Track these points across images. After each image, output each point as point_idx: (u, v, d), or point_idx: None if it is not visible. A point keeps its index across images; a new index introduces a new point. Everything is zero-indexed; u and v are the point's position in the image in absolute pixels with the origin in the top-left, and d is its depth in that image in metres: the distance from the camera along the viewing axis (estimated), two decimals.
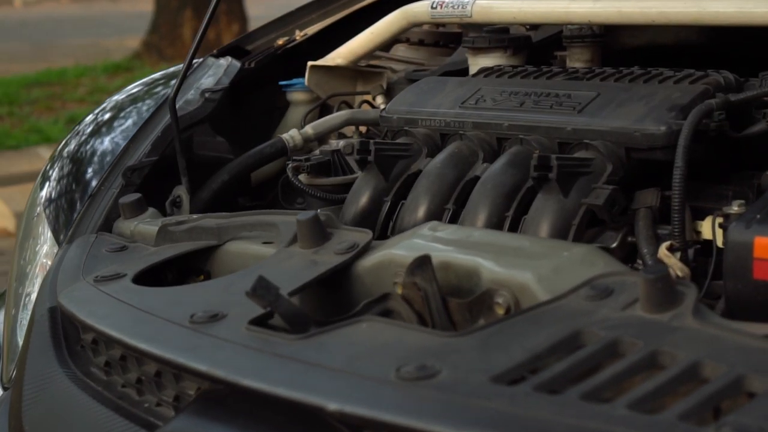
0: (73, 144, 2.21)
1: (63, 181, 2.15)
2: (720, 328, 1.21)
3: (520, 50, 2.18)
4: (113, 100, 2.39)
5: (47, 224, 2.03)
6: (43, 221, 2.05)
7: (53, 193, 2.13)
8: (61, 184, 2.15)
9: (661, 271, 1.25)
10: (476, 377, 1.16)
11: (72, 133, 2.25)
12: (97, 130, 2.22)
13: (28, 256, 2.05)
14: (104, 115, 2.27)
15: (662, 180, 1.68)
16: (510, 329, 1.27)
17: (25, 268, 2.03)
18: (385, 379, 1.18)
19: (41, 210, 2.09)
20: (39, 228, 2.06)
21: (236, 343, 1.33)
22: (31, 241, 2.07)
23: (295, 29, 2.56)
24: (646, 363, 1.18)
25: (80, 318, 1.52)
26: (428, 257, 1.40)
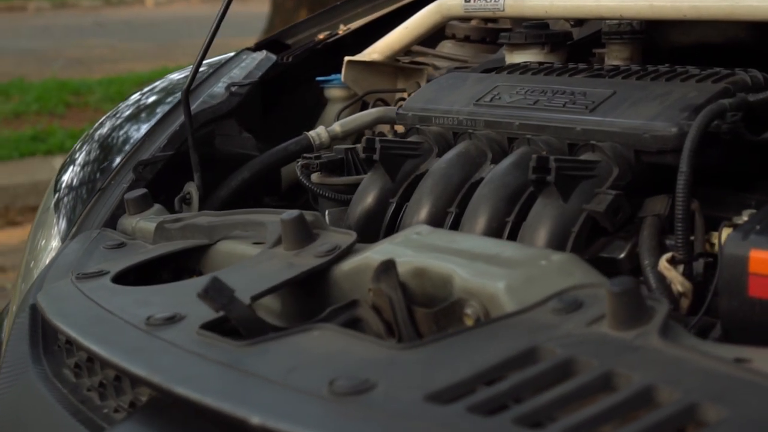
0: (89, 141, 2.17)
1: (76, 176, 2.11)
2: (686, 349, 1.10)
3: (558, 47, 2.07)
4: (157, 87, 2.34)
5: (55, 220, 1.99)
6: (51, 217, 2.01)
7: (63, 189, 2.09)
8: (75, 178, 2.11)
9: (627, 284, 1.14)
10: (411, 394, 1.08)
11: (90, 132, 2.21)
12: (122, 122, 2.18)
13: (34, 252, 2.01)
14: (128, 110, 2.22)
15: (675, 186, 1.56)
16: (463, 343, 1.18)
17: (30, 264, 2.00)
18: (316, 392, 1.10)
19: (51, 205, 2.05)
20: (46, 224, 2.02)
21: (181, 348, 1.26)
22: (38, 236, 2.03)
23: (340, 23, 2.48)
24: (598, 385, 1.08)
25: (46, 316, 1.46)
26: (393, 262, 1.31)
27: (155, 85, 2.40)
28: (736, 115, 1.48)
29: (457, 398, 1.07)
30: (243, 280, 1.45)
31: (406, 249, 1.42)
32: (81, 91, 10.05)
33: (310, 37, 2.46)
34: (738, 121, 1.48)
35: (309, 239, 1.52)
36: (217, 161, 2.09)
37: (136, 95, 2.39)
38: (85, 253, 1.74)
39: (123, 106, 2.29)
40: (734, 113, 1.47)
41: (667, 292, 1.44)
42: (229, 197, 2.06)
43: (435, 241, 1.43)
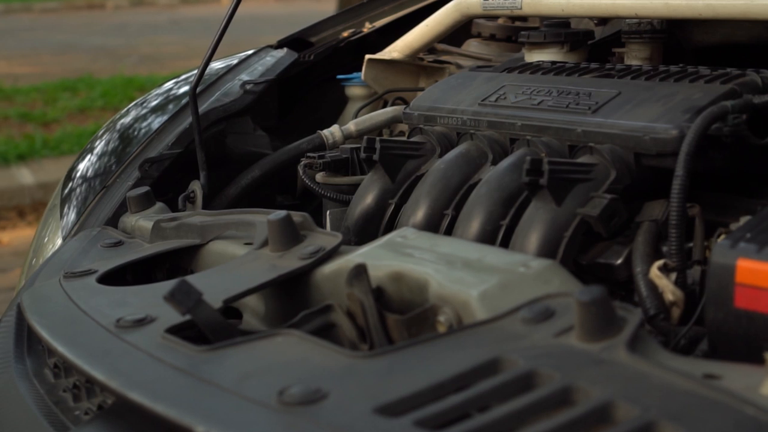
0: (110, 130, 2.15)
1: (92, 166, 2.09)
2: (652, 364, 1.04)
3: (578, 46, 2.01)
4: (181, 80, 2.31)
5: (59, 217, 1.97)
6: (56, 214, 1.99)
7: (77, 179, 2.07)
8: (91, 168, 2.08)
9: (595, 293, 1.09)
10: (361, 406, 1.03)
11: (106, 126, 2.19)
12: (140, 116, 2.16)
13: (39, 249, 2.00)
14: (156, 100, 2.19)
15: None
16: (425, 352, 1.13)
17: (32, 261, 1.98)
18: (265, 401, 1.06)
19: (57, 202, 2.03)
20: (51, 221, 2.01)
21: (144, 352, 1.22)
22: (43, 233, 2.01)
23: (366, 21, 2.44)
24: (556, 399, 1.03)
25: (25, 315, 1.44)
26: (363, 267, 1.27)
27: (190, 75, 2.36)
28: (739, 118, 1.41)
29: (406, 411, 1.03)
30: (222, 282, 1.42)
31: (387, 252, 1.38)
32: (147, 87, 10.11)
33: (335, 34, 2.42)
34: (741, 124, 1.41)
35: (295, 241, 1.48)
36: (229, 159, 2.06)
37: (169, 84, 2.36)
38: (82, 252, 1.71)
39: (152, 95, 2.26)
40: (736, 115, 1.41)
41: (658, 301, 1.38)
42: (239, 196, 2.03)
43: (417, 244, 1.39)
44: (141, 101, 2.30)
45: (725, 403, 0.97)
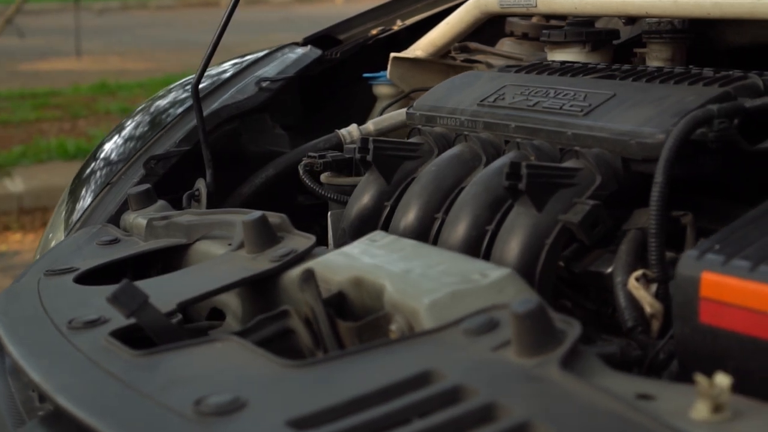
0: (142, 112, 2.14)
1: (90, 169, 2.08)
2: (582, 383, 0.99)
3: (601, 46, 1.95)
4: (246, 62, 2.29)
5: (63, 215, 1.96)
6: (61, 211, 1.99)
7: (79, 180, 2.07)
8: (89, 171, 2.08)
9: (531, 306, 1.04)
10: (275, 418, 1.00)
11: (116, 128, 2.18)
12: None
13: (46, 246, 1.99)
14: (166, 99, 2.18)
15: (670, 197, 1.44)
16: (358, 363, 1.09)
17: (36, 257, 1.98)
18: (181, 411, 1.03)
19: (66, 196, 2.03)
20: (58, 217, 2.00)
21: (84, 354, 1.20)
22: (48, 231, 2.01)
23: (397, 19, 2.39)
24: (477, 416, 0.98)
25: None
26: (311, 272, 1.23)
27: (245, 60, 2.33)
28: (725, 122, 1.34)
29: (319, 425, 0.99)
30: (187, 283, 1.40)
31: (352, 257, 1.34)
32: None
33: (364, 32, 2.38)
34: (727, 129, 1.34)
35: (272, 242, 1.45)
36: (245, 158, 2.03)
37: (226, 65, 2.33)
38: (76, 249, 1.70)
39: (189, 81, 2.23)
40: (722, 120, 1.34)
41: (637, 313, 1.32)
42: (253, 194, 2.00)
43: (384, 250, 1.35)
44: (182, 83, 2.27)
45: (646, 427, 0.91)
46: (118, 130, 2.24)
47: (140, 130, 2.12)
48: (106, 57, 14.29)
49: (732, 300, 1.12)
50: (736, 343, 1.12)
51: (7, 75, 12.50)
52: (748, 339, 1.11)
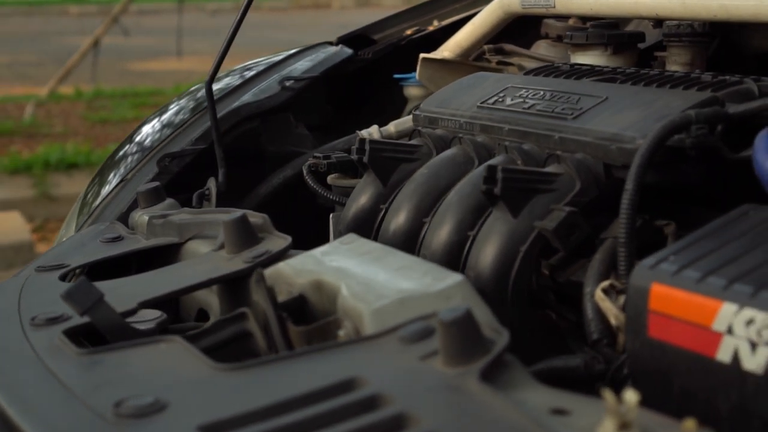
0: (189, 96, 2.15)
1: (123, 153, 2.09)
2: (497, 395, 0.97)
3: (623, 49, 1.90)
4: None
5: (76, 213, 1.98)
6: (75, 210, 2.00)
7: (111, 162, 2.08)
8: (121, 154, 2.08)
9: (457, 314, 1.01)
10: (189, 422, 0.99)
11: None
12: None
13: (60, 236, 2.01)
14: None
15: (654, 206, 1.40)
16: (287, 368, 1.09)
17: None
18: (101, 412, 1.03)
19: (82, 194, 2.04)
20: (69, 218, 2.02)
21: (35, 352, 1.21)
22: (63, 230, 2.03)
23: (434, 19, 2.37)
24: (386, 425, 0.96)
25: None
26: (261, 275, 1.22)
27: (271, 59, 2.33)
28: (703, 128, 1.30)
29: (229, 430, 0.98)
30: (157, 283, 1.40)
31: (317, 260, 1.33)
32: None
33: (399, 32, 2.36)
34: (705, 135, 1.30)
35: (251, 243, 1.45)
36: (263, 157, 2.03)
37: (253, 63, 2.33)
38: (79, 245, 1.71)
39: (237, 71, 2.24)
40: (701, 126, 1.29)
41: (603, 325, 1.28)
42: (271, 194, 2.00)
43: (351, 253, 1.33)
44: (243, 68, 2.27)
45: None
46: (159, 113, 2.25)
47: (179, 117, 2.12)
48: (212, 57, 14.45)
49: (677, 313, 1.08)
50: (682, 359, 1.08)
51: (114, 74, 12.75)
52: (692, 355, 1.07)
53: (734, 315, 1.03)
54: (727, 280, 1.06)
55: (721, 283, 1.05)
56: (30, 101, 10.22)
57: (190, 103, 2.17)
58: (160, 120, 2.14)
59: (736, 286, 1.05)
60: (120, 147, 2.18)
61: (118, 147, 2.20)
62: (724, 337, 1.04)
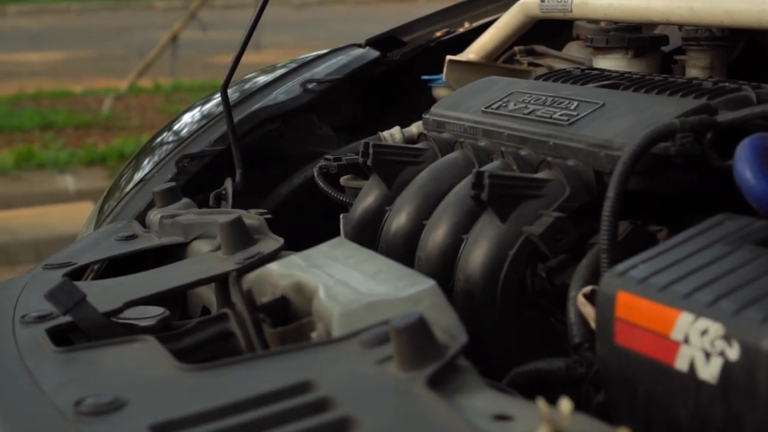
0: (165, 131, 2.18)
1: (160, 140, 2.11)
2: (442, 401, 0.97)
3: (644, 52, 1.89)
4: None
5: (96, 212, 2.01)
6: (96, 209, 2.04)
7: (149, 147, 2.10)
8: (158, 141, 2.11)
9: (409, 320, 1.03)
10: (143, 422, 1.01)
11: None
12: None
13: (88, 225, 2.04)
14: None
15: (647, 212, 1.40)
16: (248, 369, 1.10)
17: None
18: (63, 410, 1.05)
19: (106, 192, 2.08)
20: (90, 216, 2.05)
21: (17, 348, 1.24)
22: (85, 224, 2.06)
23: (465, 21, 2.37)
24: (331, 428, 0.97)
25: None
26: (235, 276, 1.24)
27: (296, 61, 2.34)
28: (687, 137, 1.29)
29: (180, 429, 1.00)
30: (149, 284, 1.42)
31: (304, 262, 1.35)
32: None
33: (429, 34, 2.36)
34: (690, 143, 1.29)
35: (246, 244, 1.46)
36: (285, 158, 2.05)
37: (280, 64, 2.34)
38: (93, 243, 1.74)
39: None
40: (685, 134, 1.29)
41: (585, 329, 1.28)
42: (291, 195, 2.02)
43: (336, 256, 1.35)
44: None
45: None
46: (202, 102, 2.27)
47: (221, 108, 2.14)
48: (293, 50, 14.54)
49: (640, 322, 1.08)
50: (645, 366, 1.08)
51: (194, 67, 12.87)
52: (653, 363, 1.07)
53: (690, 324, 1.02)
54: (688, 290, 1.05)
55: (682, 293, 1.05)
56: (109, 95, 10.38)
57: (235, 94, 2.19)
58: (201, 110, 2.17)
59: (695, 295, 1.04)
60: (158, 133, 2.21)
61: (156, 134, 2.22)
62: (682, 347, 1.04)
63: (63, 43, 16.03)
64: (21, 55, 14.60)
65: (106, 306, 1.33)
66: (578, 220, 1.37)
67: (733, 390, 0.98)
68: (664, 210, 1.40)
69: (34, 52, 14.93)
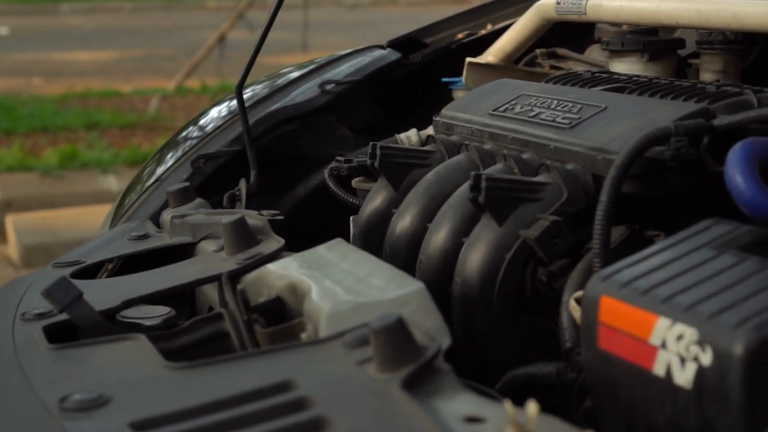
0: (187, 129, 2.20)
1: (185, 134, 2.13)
2: (410, 403, 0.98)
3: (659, 56, 1.88)
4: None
5: (113, 211, 2.04)
6: (113, 208, 2.06)
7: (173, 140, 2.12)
8: (184, 134, 2.12)
9: (387, 321, 1.04)
10: (125, 418, 1.03)
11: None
12: None
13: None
14: None
15: (646, 216, 1.40)
16: (232, 368, 1.12)
17: None
18: (48, 405, 1.08)
19: (124, 191, 2.10)
20: (108, 216, 2.07)
21: (13, 345, 1.26)
22: (104, 221, 2.08)
23: (488, 23, 2.38)
24: (303, 427, 0.98)
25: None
26: (227, 278, 1.25)
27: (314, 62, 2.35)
28: (682, 141, 1.29)
29: (158, 427, 1.01)
30: (150, 283, 1.44)
31: (299, 263, 1.36)
32: None
33: (451, 36, 2.37)
34: (685, 147, 1.29)
35: (249, 244, 1.48)
36: (302, 159, 2.06)
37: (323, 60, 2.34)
38: (106, 242, 1.77)
39: None
40: (680, 138, 1.29)
41: (576, 334, 1.28)
42: (307, 196, 2.03)
43: (332, 257, 1.36)
44: None
45: None
46: (230, 97, 2.27)
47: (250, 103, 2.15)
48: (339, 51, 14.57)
49: (622, 326, 1.08)
50: (626, 371, 1.08)
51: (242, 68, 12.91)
52: (633, 368, 1.07)
53: (668, 329, 1.02)
54: (668, 294, 1.05)
55: (661, 298, 1.05)
56: (156, 95, 10.45)
57: (265, 90, 2.21)
58: (228, 106, 2.19)
59: (674, 300, 1.04)
60: (185, 127, 2.22)
61: (183, 127, 2.24)
62: (659, 351, 1.04)
63: (114, 42, 16.17)
64: (72, 53, 14.74)
65: (105, 304, 1.34)
66: (576, 224, 1.37)
67: (707, 395, 0.98)
68: (661, 214, 1.40)
69: (85, 51, 15.07)
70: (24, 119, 9.12)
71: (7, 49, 15.23)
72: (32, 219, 6.18)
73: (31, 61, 13.98)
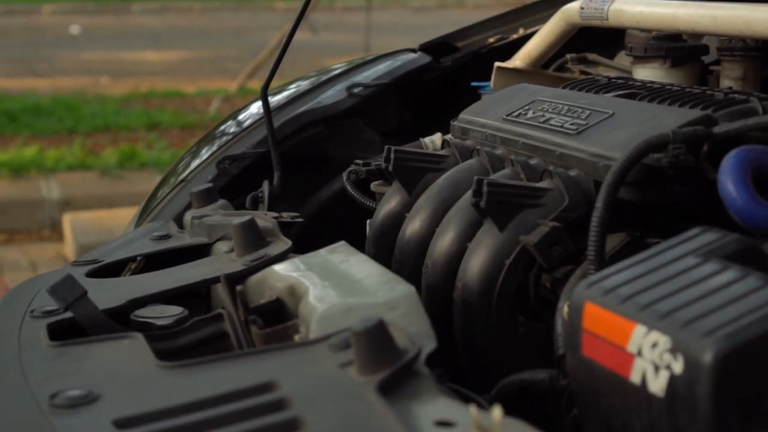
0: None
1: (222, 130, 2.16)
2: (383, 407, 1.00)
3: (682, 62, 1.88)
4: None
5: (139, 211, 2.07)
6: (139, 209, 2.09)
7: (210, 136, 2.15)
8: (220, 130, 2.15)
9: (368, 324, 1.05)
10: (110, 416, 1.06)
11: None
12: None
13: None
14: None
15: (647, 223, 1.41)
16: (220, 369, 1.14)
17: None
18: (38, 402, 1.10)
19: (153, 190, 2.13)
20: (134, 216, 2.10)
21: (18, 342, 1.30)
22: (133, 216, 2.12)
23: (520, 27, 2.38)
24: (279, 428, 1.00)
25: None
26: (225, 279, 1.28)
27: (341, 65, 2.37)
28: (679, 148, 1.29)
29: (140, 425, 1.04)
30: (157, 282, 1.46)
31: (301, 265, 1.38)
32: None
33: (483, 40, 2.38)
34: (682, 155, 1.30)
35: (258, 246, 1.50)
36: (328, 162, 2.08)
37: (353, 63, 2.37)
38: (128, 242, 1.80)
39: None
40: (678, 146, 1.29)
41: None
42: (331, 199, 2.05)
43: (332, 260, 1.38)
44: None
45: None
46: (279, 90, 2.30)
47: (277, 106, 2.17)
48: None
49: (603, 333, 1.09)
50: (606, 378, 1.09)
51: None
52: (612, 375, 1.08)
53: (644, 337, 1.03)
54: (647, 302, 1.06)
55: (641, 305, 1.06)
56: (218, 95, 10.53)
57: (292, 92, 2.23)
58: (259, 106, 2.21)
59: (652, 308, 1.05)
60: (222, 122, 2.25)
61: (220, 123, 2.27)
62: (636, 359, 1.04)
63: (183, 42, 16.31)
64: (140, 53, 14.90)
65: (111, 303, 1.37)
66: (578, 230, 1.38)
67: (678, 403, 0.99)
68: (663, 221, 1.40)
69: (154, 51, 15.22)
70: (87, 118, 9.24)
71: (77, 48, 15.43)
72: (89, 218, 6.26)
73: (101, 60, 14.15)
